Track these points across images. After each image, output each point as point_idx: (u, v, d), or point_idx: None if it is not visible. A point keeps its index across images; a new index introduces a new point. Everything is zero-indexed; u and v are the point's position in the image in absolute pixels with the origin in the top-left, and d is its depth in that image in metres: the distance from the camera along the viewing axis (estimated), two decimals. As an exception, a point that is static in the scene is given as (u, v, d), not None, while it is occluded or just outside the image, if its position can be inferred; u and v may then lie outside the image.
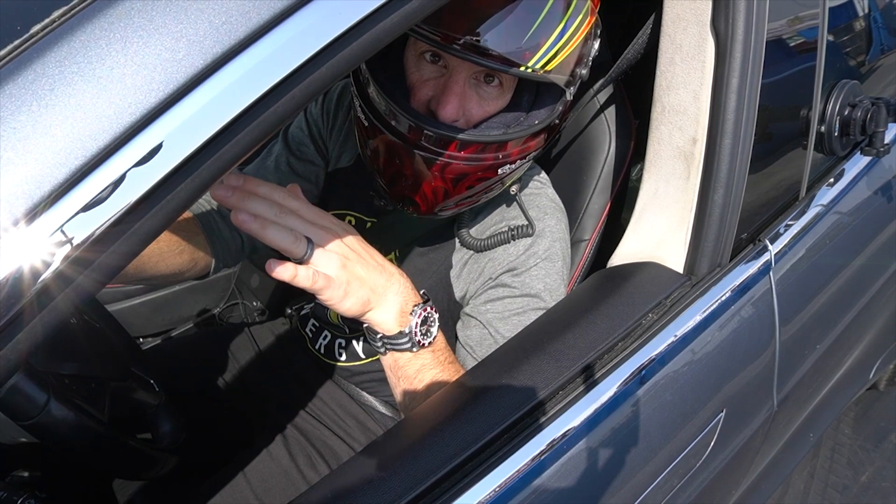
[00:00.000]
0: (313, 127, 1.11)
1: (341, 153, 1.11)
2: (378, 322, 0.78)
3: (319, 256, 0.71)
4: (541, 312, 0.94)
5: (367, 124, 0.83)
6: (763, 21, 0.86)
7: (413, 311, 0.78)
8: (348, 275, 0.72)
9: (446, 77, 0.81)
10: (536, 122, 0.83)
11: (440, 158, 0.79)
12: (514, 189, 0.93)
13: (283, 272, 0.68)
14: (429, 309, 0.79)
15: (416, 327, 0.78)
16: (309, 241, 0.71)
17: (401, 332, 0.78)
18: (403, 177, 0.84)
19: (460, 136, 0.79)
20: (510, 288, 0.94)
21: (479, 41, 0.71)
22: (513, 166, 0.83)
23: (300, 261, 0.70)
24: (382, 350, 0.81)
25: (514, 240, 0.94)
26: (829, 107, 1.09)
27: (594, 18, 0.82)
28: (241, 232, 1.08)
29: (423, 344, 0.79)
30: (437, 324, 0.81)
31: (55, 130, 0.42)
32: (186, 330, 1.81)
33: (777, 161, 1.04)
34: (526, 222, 0.94)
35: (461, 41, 0.71)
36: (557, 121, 0.86)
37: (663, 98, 0.93)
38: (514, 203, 0.97)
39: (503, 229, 0.95)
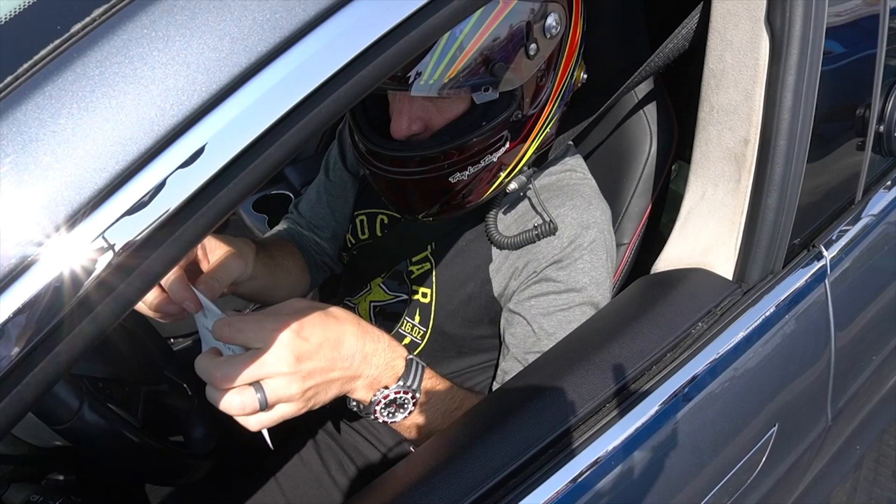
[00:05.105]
0: (344, 143, 1.16)
1: None
2: (359, 399, 0.72)
3: (275, 391, 0.62)
4: (587, 308, 0.91)
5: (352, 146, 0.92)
6: (822, 14, 0.82)
7: (380, 391, 0.71)
8: (311, 387, 0.65)
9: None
10: (483, 123, 0.81)
11: (393, 170, 0.84)
12: (512, 186, 0.90)
13: (247, 423, 0.62)
14: (400, 391, 0.72)
15: (384, 404, 0.72)
16: (257, 385, 0.61)
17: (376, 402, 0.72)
18: (383, 187, 0.89)
19: (390, 152, 0.83)
20: (555, 282, 0.92)
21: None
22: (473, 168, 0.83)
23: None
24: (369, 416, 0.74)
25: (538, 239, 0.92)
26: (889, 105, 1.03)
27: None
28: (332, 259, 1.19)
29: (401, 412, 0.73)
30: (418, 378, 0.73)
31: (96, 133, 0.40)
32: (217, 330, 1.80)
33: (832, 163, 0.99)
34: (549, 219, 0.91)
35: None
36: (520, 117, 0.83)
37: (712, 97, 0.89)
38: (538, 200, 0.94)
39: (529, 227, 0.93)
